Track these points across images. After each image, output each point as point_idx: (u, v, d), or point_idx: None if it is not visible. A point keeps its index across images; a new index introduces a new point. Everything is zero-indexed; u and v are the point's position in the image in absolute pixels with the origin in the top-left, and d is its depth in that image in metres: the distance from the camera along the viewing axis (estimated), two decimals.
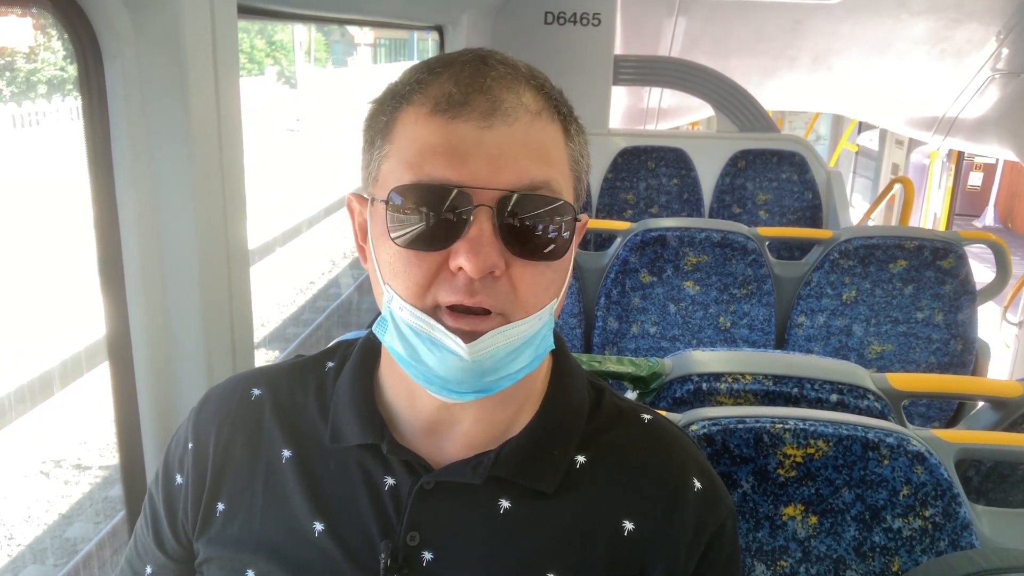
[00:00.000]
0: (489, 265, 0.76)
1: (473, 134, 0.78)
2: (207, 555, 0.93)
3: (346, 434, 0.90)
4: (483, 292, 0.78)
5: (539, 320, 0.82)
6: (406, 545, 0.86)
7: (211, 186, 1.38)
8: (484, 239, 0.76)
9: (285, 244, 8.27)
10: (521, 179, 0.78)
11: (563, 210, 0.81)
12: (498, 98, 0.79)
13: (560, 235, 0.81)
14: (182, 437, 0.98)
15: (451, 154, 0.77)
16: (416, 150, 0.79)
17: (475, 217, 0.77)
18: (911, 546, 1.27)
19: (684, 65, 4.58)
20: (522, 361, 0.82)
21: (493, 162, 0.77)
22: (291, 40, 14.01)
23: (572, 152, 0.85)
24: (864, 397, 1.56)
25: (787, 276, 2.74)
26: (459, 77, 0.80)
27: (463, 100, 0.78)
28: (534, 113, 0.81)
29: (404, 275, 0.80)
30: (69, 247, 4.57)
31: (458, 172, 0.77)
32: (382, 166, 0.83)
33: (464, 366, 0.78)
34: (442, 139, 0.78)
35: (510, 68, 0.82)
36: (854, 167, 11.56)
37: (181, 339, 1.42)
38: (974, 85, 4.82)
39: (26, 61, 5.63)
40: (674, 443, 0.95)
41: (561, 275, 0.84)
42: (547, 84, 0.85)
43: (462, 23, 3.53)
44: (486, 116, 0.78)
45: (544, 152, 0.81)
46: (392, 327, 0.83)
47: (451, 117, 0.78)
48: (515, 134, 0.79)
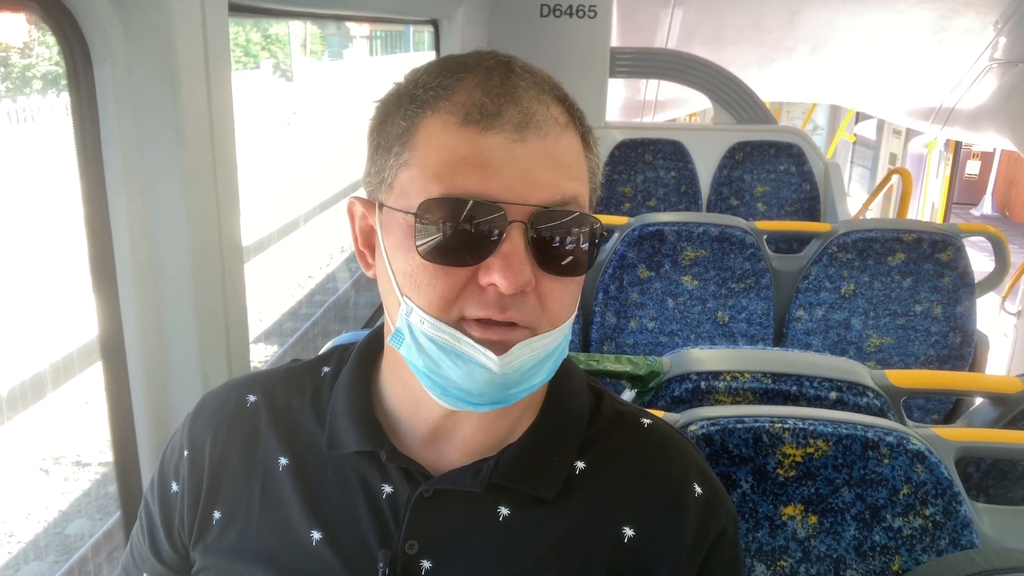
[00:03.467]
0: (523, 282, 0.75)
1: (506, 147, 0.76)
2: (204, 564, 0.93)
3: (344, 441, 0.89)
4: (513, 308, 0.77)
5: (562, 333, 0.82)
6: (404, 554, 0.85)
7: (204, 185, 1.37)
8: (517, 256, 0.75)
9: (281, 239, 8.24)
10: (554, 195, 0.77)
11: (591, 226, 0.80)
12: (529, 110, 0.77)
13: (587, 250, 0.80)
14: (177, 444, 0.98)
15: (484, 167, 0.75)
16: (444, 160, 0.77)
17: (508, 233, 0.75)
18: (911, 545, 1.27)
19: (681, 57, 4.55)
20: (544, 373, 0.82)
21: (526, 176, 0.76)
22: (287, 33, 13.96)
23: (591, 164, 0.85)
24: (863, 394, 1.55)
25: (785, 270, 2.74)
26: (487, 85, 0.78)
27: (496, 111, 0.76)
28: (563, 126, 0.80)
29: (428, 288, 0.78)
30: (65, 245, 4.56)
31: (491, 186, 0.75)
32: (400, 173, 0.80)
33: (492, 379, 0.78)
34: (474, 151, 0.76)
35: (536, 78, 0.81)
36: (851, 157, 11.53)
37: (175, 338, 1.41)
38: (972, 75, 4.80)
39: (20, 57, 5.61)
40: (674, 448, 0.94)
41: (580, 286, 0.84)
42: (568, 96, 0.84)
43: (457, 17, 3.50)
44: (519, 129, 0.76)
45: (572, 167, 0.80)
46: (410, 340, 0.81)
47: (484, 129, 0.76)
48: (547, 148, 0.77)
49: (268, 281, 7.51)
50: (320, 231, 9.22)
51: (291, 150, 11.82)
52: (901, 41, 4.95)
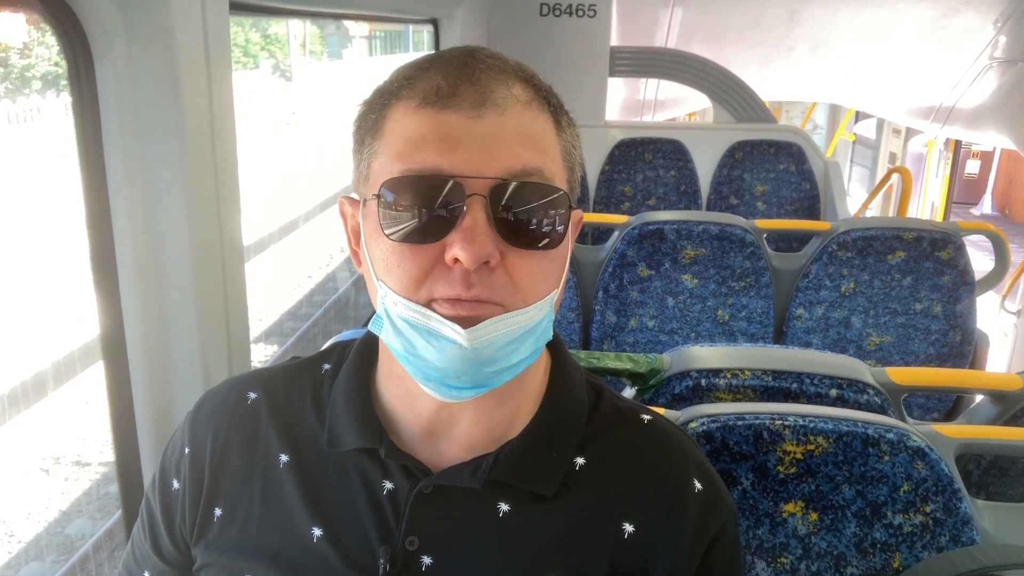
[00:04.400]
0: (484, 254, 0.75)
1: (463, 123, 0.77)
2: (205, 561, 0.93)
3: (343, 438, 0.89)
4: (480, 284, 0.76)
5: (539, 311, 0.81)
6: (405, 550, 0.85)
7: (204, 184, 1.37)
8: (479, 228, 0.75)
9: (281, 239, 8.24)
10: (514, 166, 0.77)
11: (558, 199, 0.80)
12: (487, 88, 0.78)
13: (556, 223, 0.80)
14: (178, 442, 0.98)
15: (441, 142, 0.77)
16: (405, 140, 0.79)
17: (468, 207, 0.76)
18: (912, 542, 1.27)
19: (681, 56, 4.55)
20: (523, 352, 0.81)
21: (485, 150, 0.76)
22: (286, 33, 13.96)
23: (564, 143, 0.85)
24: (864, 392, 1.55)
25: (785, 268, 2.74)
26: (447, 71, 0.80)
27: (451, 91, 0.78)
28: (524, 103, 0.80)
29: (398, 269, 0.79)
30: (66, 244, 4.56)
31: (449, 160, 0.76)
32: (372, 163, 0.82)
33: (464, 355, 0.77)
34: (432, 128, 0.77)
35: (498, 61, 0.82)
36: (851, 156, 11.54)
37: (176, 337, 1.41)
38: (971, 74, 4.80)
39: (20, 57, 5.60)
40: (674, 444, 0.94)
41: (559, 266, 0.83)
42: (536, 78, 0.84)
43: (457, 16, 3.51)
44: (476, 106, 0.77)
45: (536, 140, 0.80)
46: (388, 323, 0.81)
47: (440, 108, 0.78)
48: (506, 123, 0.78)
49: (268, 281, 7.51)
50: (320, 231, 9.21)
51: (291, 150, 11.82)
52: (901, 40, 4.95)
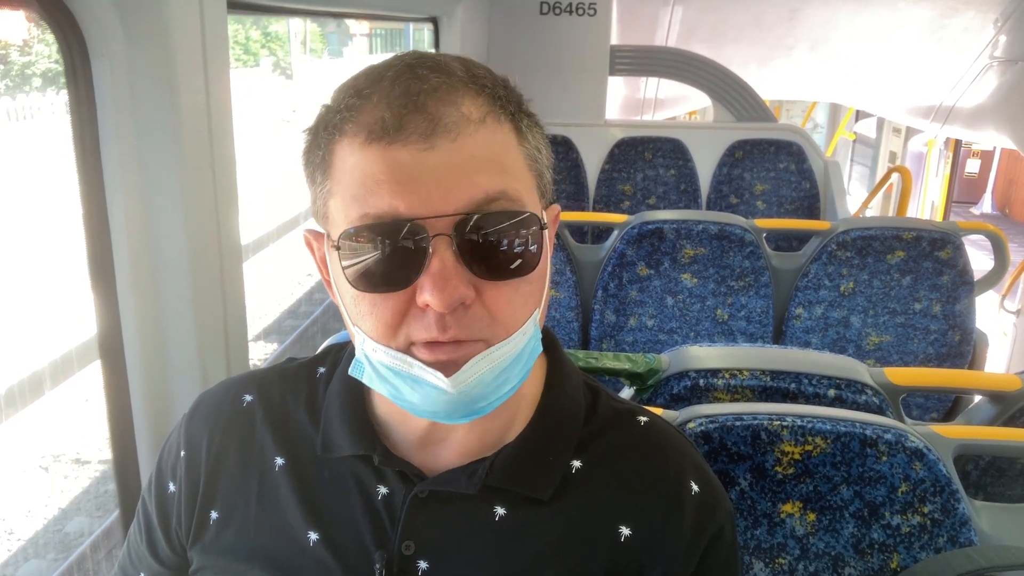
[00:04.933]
0: (456, 298, 0.72)
1: (414, 157, 0.72)
2: (201, 563, 0.92)
3: (338, 444, 0.89)
4: (456, 325, 0.74)
5: (523, 336, 0.79)
6: (401, 555, 0.85)
7: (202, 183, 1.36)
8: (448, 271, 0.72)
9: (281, 237, 8.24)
10: (475, 196, 0.73)
11: (527, 220, 0.76)
12: (435, 115, 0.73)
13: (527, 247, 0.76)
14: (174, 444, 0.97)
15: (395, 183, 0.72)
16: (358, 182, 0.74)
17: (434, 248, 0.72)
18: (910, 543, 1.27)
19: (681, 55, 4.55)
20: (512, 381, 0.79)
21: (441, 185, 0.72)
22: (286, 31, 13.95)
23: (527, 150, 0.80)
24: (862, 392, 1.55)
25: (785, 268, 2.74)
26: (391, 98, 0.74)
27: (398, 124, 0.72)
28: (477, 122, 0.75)
29: (371, 317, 0.76)
30: (63, 243, 4.56)
31: (406, 202, 0.72)
32: (329, 203, 0.78)
33: (449, 399, 0.76)
34: (382, 167, 0.73)
35: (443, 75, 0.75)
36: (851, 155, 11.53)
37: (174, 336, 1.41)
38: (971, 73, 4.80)
39: (20, 55, 5.60)
40: (671, 446, 0.93)
41: (539, 285, 0.80)
42: (488, 80, 0.78)
43: (457, 14, 3.50)
44: (426, 136, 0.72)
45: (495, 161, 0.75)
46: (370, 369, 0.80)
47: (388, 143, 0.72)
48: (460, 150, 0.73)
49: (267, 279, 7.51)
50: None
51: (291, 148, 11.81)
52: (901, 39, 4.95)
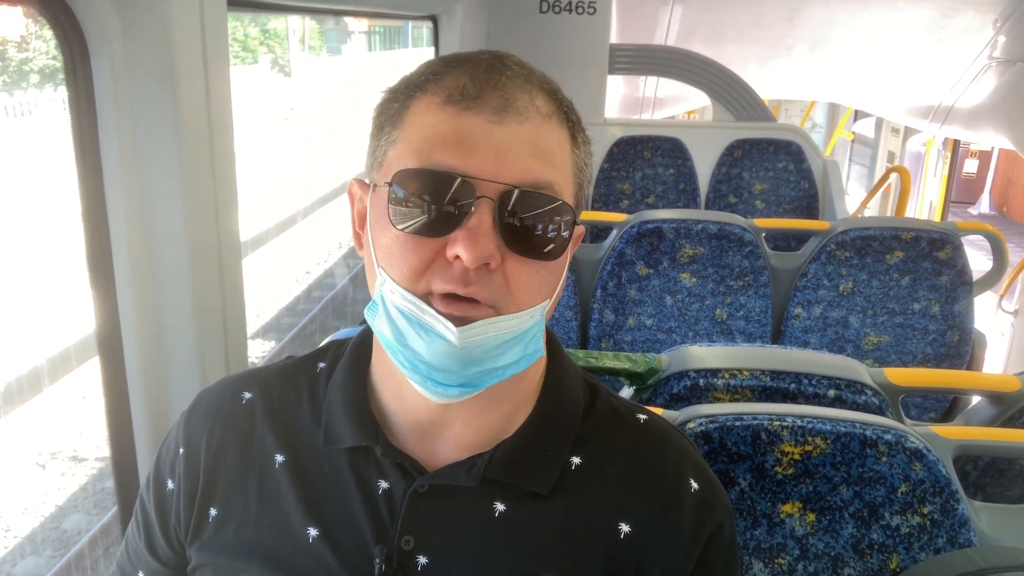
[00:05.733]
0: (486, 256, 0.76)
1: (483, 127, 0.78)
2: (200, 561, 0.92)
3: (339, 436, 0.89)
4: (477, 283, 0.77)
5: (530, 317, 0.81)
6: (400, 549, 0.85)
7: (202, 181, 1.36)
8: (483, 230, 0.76)
9: (279, 235, 8.23)
10: (526, 176, 0.78)
11: (563, 211, 0.81)
12: (511, 95, 0.79)
13: (559, 236, 0.81)
14: (173, 442, 0.97)
15: (459, 144, 0.78)
16: (424, 136, 0.80)
17: (476, 208, 0.77)
18: (909, 543, 1.27)
19: (680, 54, 4.55)
20: (510, 357, 0.81)
21: (500, 156, 0.78)
22: (285, 28, 13.93)
23: (577, 160, 0.86)
24: (862, 392, 1.55)
25: (784, 267, 2.74)
26: (475, 72, 0.81)
27: (476, 94, 0.79)
28: (545, 115, 0.81)
29: (400, 259, 0.80)
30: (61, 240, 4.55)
31: (464, 162, 0.77)
32: (388, 152, 0.83)
33: (452, 352, 0.77)
34: (452, 128, 0.79)
35: (525, 71, 0.83)
36: (850, 155, 11.54)
37: (173, 333, 1.41)
38: (970, 73, 4.81)
39: (17, 50, 5.59)
40: (670, 443, 0.94)
41: (555, 276, 0.84)
42: (559, 92, 0.86)
43: (456, 12, 3.50)
44: (497, 111, 0.78)
45: (551, 154, 0.81)
46: (382, 310, 0.82)
47: (463, 108, 0.79)
48: (524, 132, 0.79)
49: (266, 277, 7.51)
50: (318, 227, 9.20)
51: (289, 145, 11.79)
52: (900, 39, 4.95)
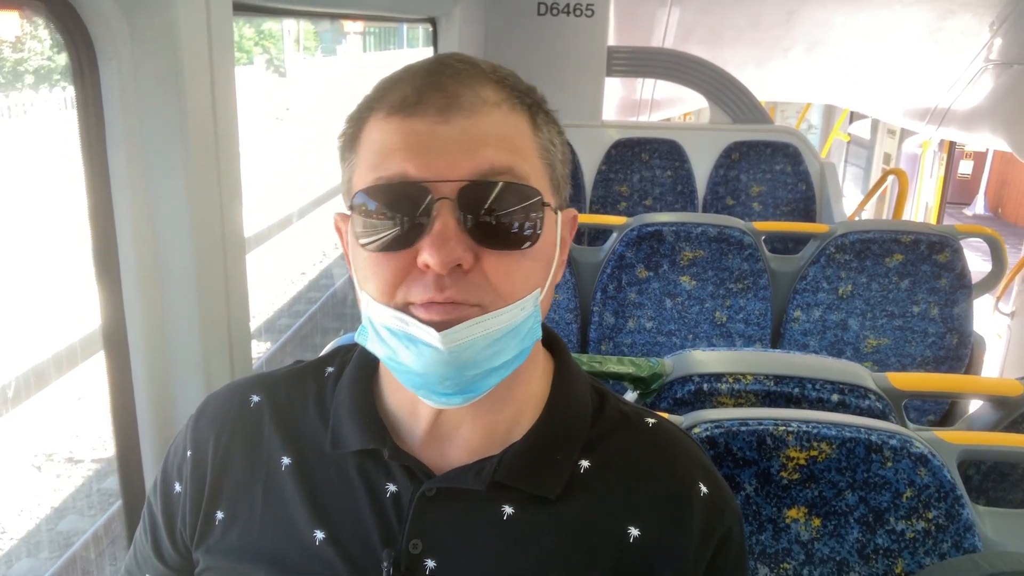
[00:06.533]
0: (454, 259, 0.75)
1: (429, 129, 0.77)
2: (206, 564, 0.92)
3: (347, 439, 0.89)
4: (454, 287, 0.76)
5: (521, 310, 0.80)
6: (408, 553, 0.85)
7: (207, 184, 1.37)
8: (449, 233, 0.75)
9: (275, 236, 8.23)
10: (481, 167, 0.77)
11: (530, 196, 0.79)
12: (454, 93, 0.78)
13: (529, 221, 0.79)
14: (180, 445, 0.97)
15: (407, 150, 0.77)
16: (375, 152, 0.79)
17: (438, 211, 0.76)
18: (914, 548, 1.27)
19: (678, 56, 4.56)
20: (507, 354, 0.80)
21: (450, 154, 0.76)
22: (280, 29, 13.92)
23: (541, 141, 0.84)
24: (865, 397, 1.55)
25: (783, 270, 2.74)
26: (415, 80, 0.80)
27: (418, 99, 0.78)
28: (493, 104, 0.80)
29: (375, 277, 0.79)
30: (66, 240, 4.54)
31: (416, 167, 0.77)
32: (352, 178, 0.83)
33: (440, 358, 0.77)
34: (399, 138, 0.78)
35: (468, 66, 0.82)
36: (846, 156, 11.58)
37: (178, 331, 1.41)
38: (967, 75, 4.82)
39: (12, 51, 5.57)
40: (679, 447, 0.94)
41: (542, 264, 0.83)
42: (510, 78, 0.84)
43: (455, 15, 3.50)
44: (442, 111, 0.77)
45: (506, 140, 0.79)
46: (372, 332, 0.82)
47: (406, 116, 0.78)
48: (473, 126, 0.78)
49: (263, 277, 7.50)
50: (314, 227, 9.20)
51: (284, 146, 11.78)
52: (897, 41, 4.97)
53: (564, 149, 0.89)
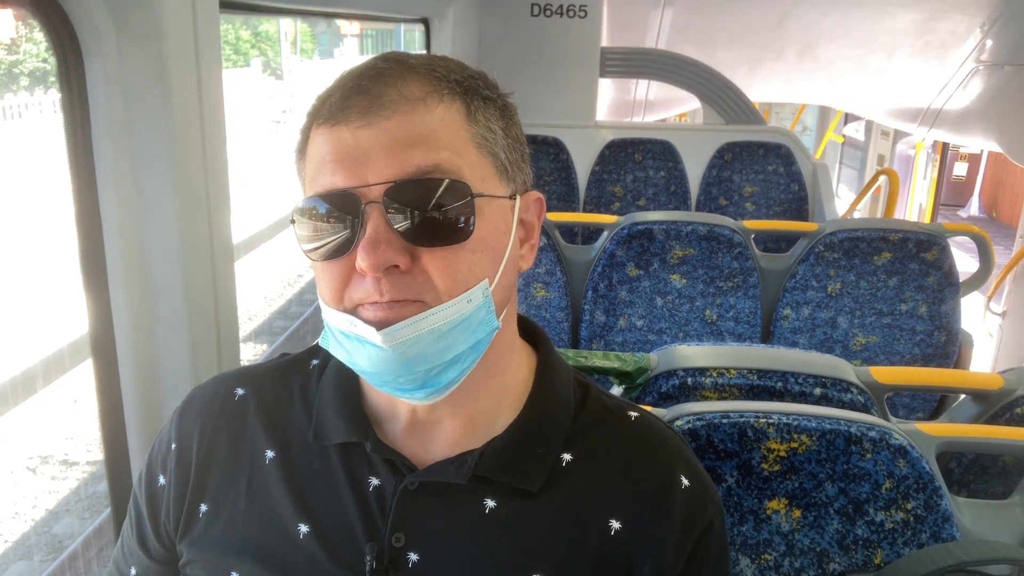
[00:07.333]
0: (385, 261, 0.76)
1: (351, 136, 0.78)
2: (190, 557, 0.93)
3: (330, 432, 0.90)
4: (392, 288, 0.77)
5: (468, 302, 0.80)
6: (391, 546, 0.85)
7: (194, 183, 1.37)
8: (380, 236, 0.76)
9: (271, 238, 8.22)
10: (406, 167, 0.77)
11: (453, 189, 0.78)
12: (376, 94, 0.79)
13: (461, 214, 0.79)
14: (165, 438, 0.98)
15: (336, 161, 0.79)
16: (314, 166, 0.81)
17: (368, 216, 0.77)
18: (893, 539, 1.29)
19: (671, 57, 4.57)
20: (459, 347, 0.81)
21: (375, 158, 0.77)
22: (277, 31, 13.92)
23: (477, 129, 0.83)
24: (847, 391, 1.57)
25: (773, 269, 2.76)
26: (345, 85, 0.81)
27: (343, 105, 0.79)
28: (415, 101, 0.79)
29: (323, 283, 0.82)
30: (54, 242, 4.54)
31: (343, 176, 0.78)
32: (305, 189, 0.86)
33: (386, 356, 0.78)
34: (329, 148, 0.79)
35: (395, 64, 0.82)
36: (840, 158, 11.60)
37: (165, 335, 1.41)
38: (958, 77, 4.84)
39: (7, 53, 5.57)
40: (661, 440, 0.94)
41: (487, 255, 0.82)
42: (442, 68, 0.83)
43: (448, 15, 3.51)
44: (363, 115, 0.78)
45: (430, 137, 0.79)
46: (330, 336, 0.84)
47: (333, 124, 0.79)
48: (395, 127, 0.78)
49: (259, 279, 7.49)
50: None
51: (282, 148, 11.77)
52: (889, 43, 4.99)
53: (513, 132, 0.87)
